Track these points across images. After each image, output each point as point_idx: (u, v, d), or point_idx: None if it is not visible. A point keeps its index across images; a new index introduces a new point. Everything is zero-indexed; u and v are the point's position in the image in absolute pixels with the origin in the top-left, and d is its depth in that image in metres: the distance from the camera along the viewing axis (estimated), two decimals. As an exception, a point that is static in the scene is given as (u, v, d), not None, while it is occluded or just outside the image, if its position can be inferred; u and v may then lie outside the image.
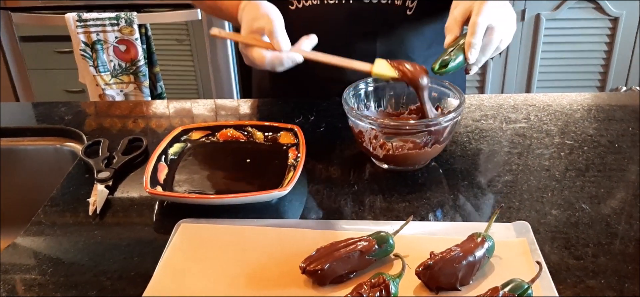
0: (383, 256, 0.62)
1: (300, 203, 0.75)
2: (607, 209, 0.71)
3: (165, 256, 0.65)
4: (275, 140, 0.85)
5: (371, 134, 0.78)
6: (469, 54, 0.75)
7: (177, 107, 1.04)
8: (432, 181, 0.79)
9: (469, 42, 0.75)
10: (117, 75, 1.95)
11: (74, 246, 0.68)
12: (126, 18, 1.87)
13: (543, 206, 0.72)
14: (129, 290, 0.61)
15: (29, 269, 0.65)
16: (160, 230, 0.70)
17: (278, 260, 0.64)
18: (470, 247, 0.60)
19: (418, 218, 0.71)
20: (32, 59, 2.23)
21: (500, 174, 0.79)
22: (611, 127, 0.91)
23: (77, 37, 1.88)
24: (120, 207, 0.75)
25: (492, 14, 0.75)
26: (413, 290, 0.59)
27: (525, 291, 0.55)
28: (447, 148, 0.86)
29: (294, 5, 0.94)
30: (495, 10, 0.76)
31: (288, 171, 0.78)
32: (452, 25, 0.79)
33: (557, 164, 0.81)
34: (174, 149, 0.83)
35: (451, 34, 0.79)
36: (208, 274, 0.62)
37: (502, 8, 0.78)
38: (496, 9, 0.76)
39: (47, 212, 0.75)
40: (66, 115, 1.01)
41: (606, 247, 0.65)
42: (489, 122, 0.93)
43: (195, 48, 2.19)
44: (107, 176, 0.79)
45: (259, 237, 0.67)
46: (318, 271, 0.58)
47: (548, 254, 0.64)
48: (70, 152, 0.95)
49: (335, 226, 0.69)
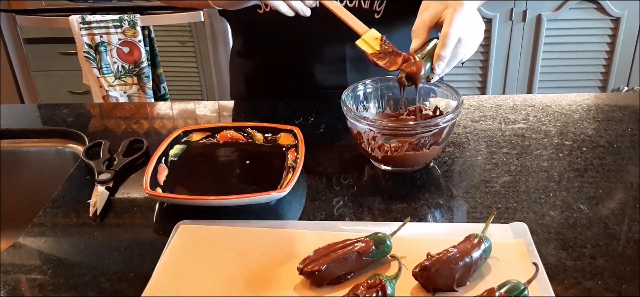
0: (380, 257, 0.62)
1: (299, 204, 0.75)
2: (605, 210, 0.71)
3: (164, 257, 0.65)
4: (275, 141, 0.86)
5: (370, 135, 0.78)
6: (436, 66, 0.74)
7: (180, 108, 1.05)
8: (431, 182, 0.79)
9: (439, 54, 0.74)
10: (120, 77, 1.96)
11: (74, 247, 0.69)
12: (129, 20, 1.88)
13: (541, 207, 0.72)
14: (128, 291, 0.62)
15: (30, 269, 0.65)
16: (160, 231, 0.71)
17: (276, 261, 0.64)
18: (467, 248, 0.60)
19: (416, 219, 0.71)
20: (36, 61, 2.24)
21: (498, 175, 0.80)
22: (610, 128, 0.91)
23: (80, 39, 1.89)
24: (121, 209, 0.76)
25: (463, 26, 0.74)
26: (410, 291, 0.59)
27: (522, 292, 0.55)
28: (446, 149, 0.86)
29: (262, 9, 0.94)
30: (466, 22, 0.75)
31: (287, 172, 0.78)
32: (420, 29, 0.78)
33: (555, 165, 0.82)
34: (174, 150, 0.84)
35: (418, 38, 0.77)
36: (207, 275, 0.62)
37: (472, 18, 0.76)
38: (467, 20, 0.75)
39: (48, 214, 0.75)
40: (68, 117, 1.02)
41: (604, 248, 0.65)
42: (488, 123, 0.94)
43: (198, 50, 2.20)
44: (107, 178, 0.79)
45: (257, 238, 0.68)
46: (315, 272, 0.59)
47: (546, 255, 0.64)
48: (72, 153, 0.96)
49: (334, 227, 0.70)
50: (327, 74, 0.99)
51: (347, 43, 0.95)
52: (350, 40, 0.96)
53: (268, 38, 0.89)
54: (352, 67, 0.98)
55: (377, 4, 0.93)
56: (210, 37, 2.12)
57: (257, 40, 0.86)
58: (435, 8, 0.77)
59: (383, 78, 0.89)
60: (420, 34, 0.77)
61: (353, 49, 0.97)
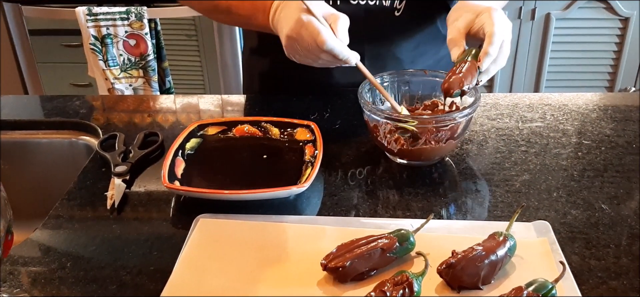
0: (404, 253, 0.62)
1: (317, 199, 0.74)
2: (627, 210, 0.71)
3: (184, 252, 0.64)
4: (292, 136, 0.85)
5: (386, 128, 0.78)
6: (483, 62, 0.75)
7: (191, 102, 1.04)
8: (448, 178, 0.78)
9: (486, 50, 0.75)
10: (126, 69, 1.94)
11: (92, 240, 0.68)
12: (136, 13, 1.87)
13: (562, 206, 0.72)
14: (148, 285, 0.61)
15: (49, 262, 0.65)
16: (178, 225, 0.70)
17: (298, 257, 0.63)
18: (492, 246, 0.60)
19: (436, 215, 0.71)
20: (40, 52, 2.23)
21: (518, 173, 0.79)
22: (628, 128, 0.90)
23: (87, 31, 1.88)
24: (138, 202, 0.75)
25: (504, 27, 0.76)
26: (434, 289, 0.59)
27: (550, 291, 0.55)
28: (463, 146, 0.86)
29: None
30: (506, 22, 0.77)
31: (305, 167, 0.77)
32: (457, 38, 0.79)
33: (574, 163, 0.81)
34: (191, 144, 0.83)
35: (457, 47, 0.79)
36: (228, 270, 0.62)
37: (506, 20, 0.78)
38: (505, 21, 0.77)
39: (65, 206, 0.75)
40: (81, 109, 1.01)
41: (628, 248, 0.64)
42: (505, 121, 0.93)
43: (203, 44, 2.18)
44: (124, 170, 0.79)
45: (278, 233, 0.67)
46: (339, 268, 0.58)
47: (569, 254, 0.64)
48: (85, 145, 0.95)
49: (354, 223, 0.69)
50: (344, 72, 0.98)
51: (365, 41, 0.95)
52: (369, 38, 0.95)
53: None
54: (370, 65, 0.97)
55: (398, 2, 0.93)
56: (216, 31, 2.11)
57: (272, 38, 0.86)
58: (467, 17, 0.79)
59: (400, 72, 0.88)
60: (459, 42, 0.79)
61: (372, 46, 0.97)
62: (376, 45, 0.97)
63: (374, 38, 0.95)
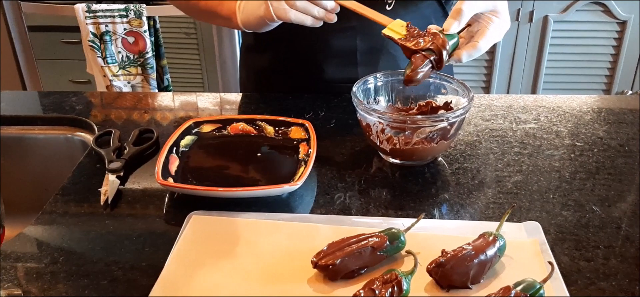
0: (394, 252, 0.62)
1: (310, 198, 0.75)
2: (617, 212, 0.71)
3: (176, 247, 0.65)
4: (286, 134, 0.86)
5: (378, 127, 0.78)
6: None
7: (189, 100, 1.04)
8: (441, 178, 0.79)
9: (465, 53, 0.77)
10: (124, 66, 1.95)
11: (85, 235, 0.69)
12: (135, 10, 1.87)
13: (553, 207, 0.72)
14: (140, 280, 0.61)
15: (41, 257, 0.65)
16: (172, 221, 0.71)
17: (290, 254, 0.64)
18: (482, 245, 0.60)
19: (428, 215, 0.71)
20: (39, 49, 2.23)
21: (510, 174, 0.79)
22: (621, 130, 0.91)
23: (86, 28, 1.88)
24: (132, 198, 0.76)
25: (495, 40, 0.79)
26: (424, 288, 0.59)
27: (537, 290, 0.55)
28: (456, 147, 0.86)
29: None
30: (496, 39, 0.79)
31: (299, 166, 0.78)
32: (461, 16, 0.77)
33: (567, 165, 0.81)
34: (185, 141, 0.84)
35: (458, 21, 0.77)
36: (219, 267, 0.62)
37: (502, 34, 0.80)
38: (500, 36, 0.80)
39: (59, 201, 0.75)
40: (77, 105, 1.01)
41: (618, 250, 0.65)
42: (499, 122, 0.93)
43: (201, 42, 2.19)
44: (118, 167, 0.79)
45: (270, 231, 0.68)
46: (330, 265, 0.59)
47: (558, 255, 0.64)
48: (81, 141, 0.95)
49: (346, 221, 0.69)
50: (338, 68, 0.99)
51: (358, 36, 0.95)
52: (362, 33, 0.96)
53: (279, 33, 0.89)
54: (363, 60, 0.98)
55: None
56: (215, 30, 2.12)
57: (267, 35, 0.86)
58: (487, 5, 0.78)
59: (394, 72, 0.89)
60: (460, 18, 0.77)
61: (364, 42, 0.97)
62: (368, 40, 0.97)
63: (365, 32, 0.96)
